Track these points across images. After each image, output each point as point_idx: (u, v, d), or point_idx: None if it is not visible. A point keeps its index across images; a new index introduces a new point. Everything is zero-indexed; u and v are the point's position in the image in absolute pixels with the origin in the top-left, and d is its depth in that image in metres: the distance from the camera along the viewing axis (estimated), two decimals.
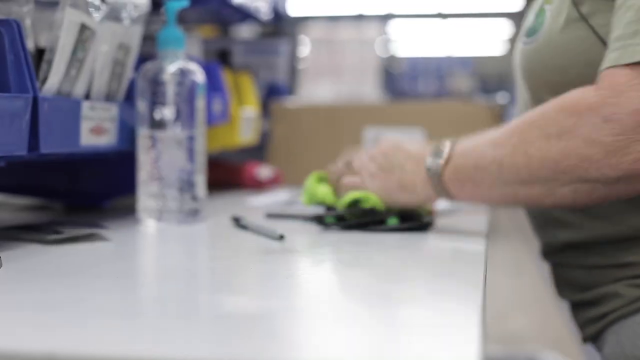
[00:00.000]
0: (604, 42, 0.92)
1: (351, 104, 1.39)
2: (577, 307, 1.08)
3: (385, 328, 0.59)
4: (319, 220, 1.04)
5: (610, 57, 0.85)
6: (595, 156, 0.83)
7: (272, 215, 1.14)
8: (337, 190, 1.06)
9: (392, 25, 6.19)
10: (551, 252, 1.11)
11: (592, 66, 0.91)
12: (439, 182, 0.95)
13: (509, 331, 3.03)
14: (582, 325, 1.07)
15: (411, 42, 6.36)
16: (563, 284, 1.11)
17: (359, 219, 1.01)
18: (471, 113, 1.61)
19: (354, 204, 1.02)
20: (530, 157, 0.87)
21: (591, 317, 1.03)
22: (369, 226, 1.01)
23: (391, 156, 1.00)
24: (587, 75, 0.92)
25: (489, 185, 0.91)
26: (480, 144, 0.93)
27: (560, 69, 0.97)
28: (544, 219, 1.08)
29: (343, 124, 1.73)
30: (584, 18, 0.94)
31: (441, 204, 1.25)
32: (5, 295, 0.68)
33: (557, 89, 0.94)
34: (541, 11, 1.01)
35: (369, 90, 5.54)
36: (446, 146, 0.95)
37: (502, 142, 0.90)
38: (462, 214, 1.24)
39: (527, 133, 0.88)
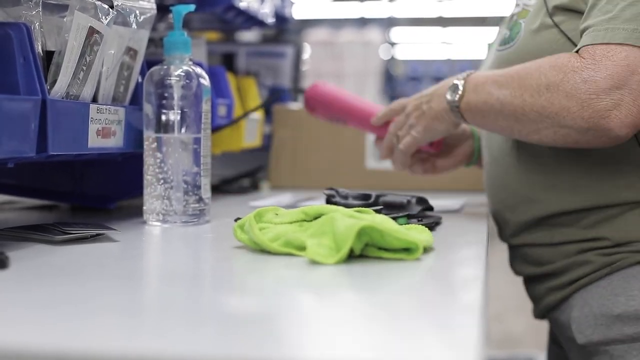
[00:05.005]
0: (572, 42, 1.10)
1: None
2: (535, 280, 1.20)
3: (385, 329, 0.59)
4: None
5: (591, 37, 1.03)
6: (572, 108, 1.02)
7: None
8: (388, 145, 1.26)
9: (394, 29, 6.20)
10: (516, 234, 1.21)
11: None
12: (457, 113, 1.15)
13: (508, 333, 3.04)
14: (542, 295, 1.19)
15: (412, 45, 6.36)
16: (522, 261, 1.22)
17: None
18: None
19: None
20: (524, 101, 1.06)
21: (554, 286, 1.16)
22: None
23: (419, 105, 1.21)
24: None
25: (494, 118, 1.11)
26: (489, 82, 1.11)
27: None
28: (517, 198, 1.19)
29: (345, 127, 1.74)
30: (556, 25, 1.12)
31: (444, 205, 1.26)
32: (13, 294, 0.69)
33: None
34: (516, 24, 1.19)
35: (371, 93, 5.54)
36: (460, 81, 1.14)
37: (505, 84, 1.08)
38: (462, 215, 1.25)
39: (525, 81, 1.06)
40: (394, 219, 0.99)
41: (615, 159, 1.11)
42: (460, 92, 1.13)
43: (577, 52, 1.04)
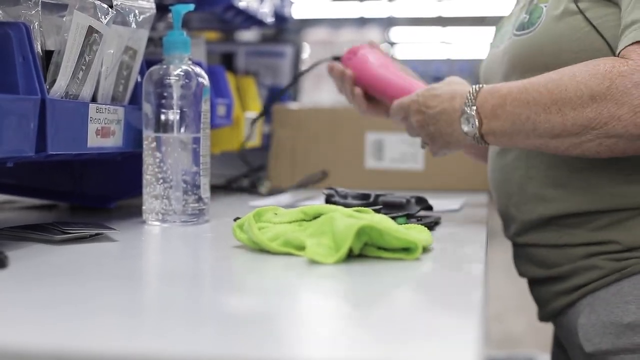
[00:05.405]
0: (597, 30, 1.05)
1: (352, 107, 1.40)
2: (540, 283, 1.17)
3: (385, 329, 0.59)
4: None
5: (635, 35, 0.97)
6: (624, 116, 0.95)
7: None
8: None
9: (393, 29, 6.21)
10: (521, 232, 1.18)
11: (584, 51, 1.05)
12: (480, 140, 1.06)
13: (508, 333, 3.04)
14: (548, 299, 1.16)
15: (411, 45, 6.36)
16: (527, 262, 1.19)
17: None
18: None
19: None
20: (564, 115, 0.98)
21: (560, 290, 1.13)
22: None
23: (423, 123, 1.12)
24: (576, 59, 1.03)
25: (524, 138, 1.03)
26: (508, 101, 1.02)
27: (554, 53, 1.08)
28: (524, 196, 1.16)
29: (344, 126, 1.74)
30: (580, 11, 1.07)
31: (443, 204, 1.26)
32: (13, 294, 0.69)
33: (548, 71, 1.04)
34: (537, 8, 1.13)
35: None
36: (471, 108, 1.05)
37: (532, 101, 1.00)
38: (462, 215, 1.25)
39: (559, 94, 0.98)
40: (393, 218, 0.99)
41: (632, 161, 1.06)
42: (476, 121, 1.05)
43: (619, 53, 0.98)
